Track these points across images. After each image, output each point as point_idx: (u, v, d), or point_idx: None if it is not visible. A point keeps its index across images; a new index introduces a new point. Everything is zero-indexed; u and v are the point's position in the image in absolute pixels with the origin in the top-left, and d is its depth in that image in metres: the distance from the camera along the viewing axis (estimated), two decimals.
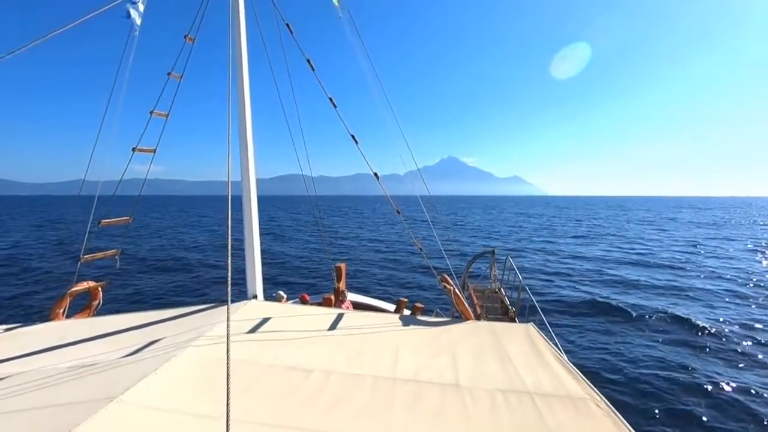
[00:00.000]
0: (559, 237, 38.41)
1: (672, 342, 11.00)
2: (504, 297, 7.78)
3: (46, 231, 42.70)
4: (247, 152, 5.87)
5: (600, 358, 9.86)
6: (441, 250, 7.24)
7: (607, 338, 11.29)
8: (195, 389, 3.03)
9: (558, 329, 11.39)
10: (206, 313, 5.14)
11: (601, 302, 14.79)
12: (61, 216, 63.56)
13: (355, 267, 21.80)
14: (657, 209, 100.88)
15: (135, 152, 5.89)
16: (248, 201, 5.95)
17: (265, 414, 2.74)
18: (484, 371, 3.49)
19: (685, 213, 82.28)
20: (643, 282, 18.29)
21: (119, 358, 3.73)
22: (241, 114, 5.85)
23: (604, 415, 2.77)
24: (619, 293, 16.40)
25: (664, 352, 10.20)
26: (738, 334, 11.38)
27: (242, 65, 5.83)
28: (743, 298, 15.43)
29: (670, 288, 17.13)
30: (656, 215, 73.81)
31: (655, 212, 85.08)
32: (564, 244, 32.62)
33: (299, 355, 3.76)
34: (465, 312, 5.27)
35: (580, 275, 20.17)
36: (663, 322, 12.67)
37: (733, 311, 13.67)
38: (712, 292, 16.26)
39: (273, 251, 28.29)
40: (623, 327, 12.28)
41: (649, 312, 13.53)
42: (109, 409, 2.56)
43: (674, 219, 63.04)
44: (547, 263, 23.74)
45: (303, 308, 5.74)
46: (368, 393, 3.08)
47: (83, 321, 5.48)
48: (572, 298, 15.80)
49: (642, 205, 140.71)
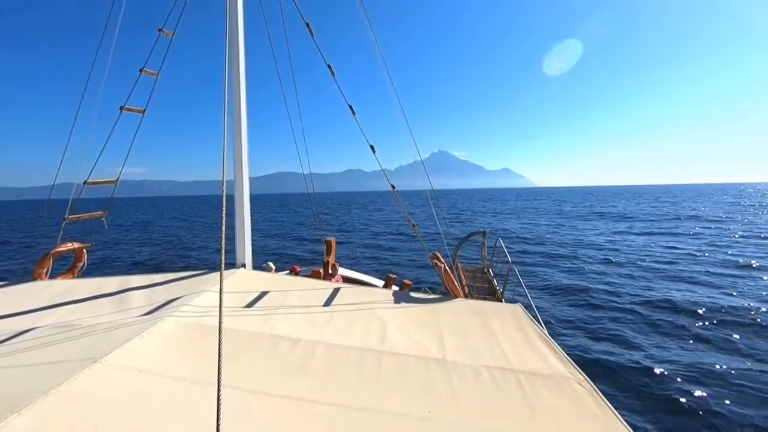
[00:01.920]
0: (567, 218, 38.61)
1: (657, 326, 11.37)
2: (492, 277, 7.85)
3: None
4: (240, 138, 5.69)
5: (584, 339, 10.16)
6: (440, 234, 7.26)
7: (592, 320, 11.59)
8: (181, 354, 3.00)
9: (543, 311, 11.67)
10: (194, 280, 5.08)
11: (587, 285, 15.12)
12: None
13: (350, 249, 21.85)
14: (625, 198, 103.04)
15: (123, 111, 5.66)
16: (239, 173, 5.81)
17: (252, 381, 2.73)
18: (470, 348, 3.52)
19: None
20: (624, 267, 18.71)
21: (103, 321, 3.68)
22: (236, 106, 5.63)
23: (587, 394, 2.82)
24: (604, 276, 16.77)
25: (648, 335, 10.54)
26: (716, 316, 11.75)
27: (239, 57, 5.56)
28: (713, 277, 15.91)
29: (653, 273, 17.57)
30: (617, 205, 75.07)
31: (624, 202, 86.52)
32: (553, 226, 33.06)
33: (287, 324, 3.74)
34: (454, 290, 5.30)
35: (573, 259, 20.53)
36: (651, 305, 13.09)
37: (704, 293, 14.10)
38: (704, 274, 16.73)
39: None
40: (610, 310, 12.63)
41: (636, 296, 13.94)
42: (92, 369, 2.52)
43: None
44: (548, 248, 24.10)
45: (292, 279, 5.72)
46: (355, 364, 3.08)
47: (67, 282, 5.37)
48: (559, 279, 16.11)
49: (617, 194, 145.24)
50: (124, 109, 5.67)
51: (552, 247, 25.12)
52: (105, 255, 23.17)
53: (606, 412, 2.62)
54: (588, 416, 2.60)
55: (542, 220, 44.20)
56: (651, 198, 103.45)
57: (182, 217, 59.15)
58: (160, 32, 5.70)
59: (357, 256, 21.49)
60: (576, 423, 2.54)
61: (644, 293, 14.55)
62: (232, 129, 5.70)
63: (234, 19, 5.49)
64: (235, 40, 5.53)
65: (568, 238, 29.46)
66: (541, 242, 27.50)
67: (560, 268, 18.99)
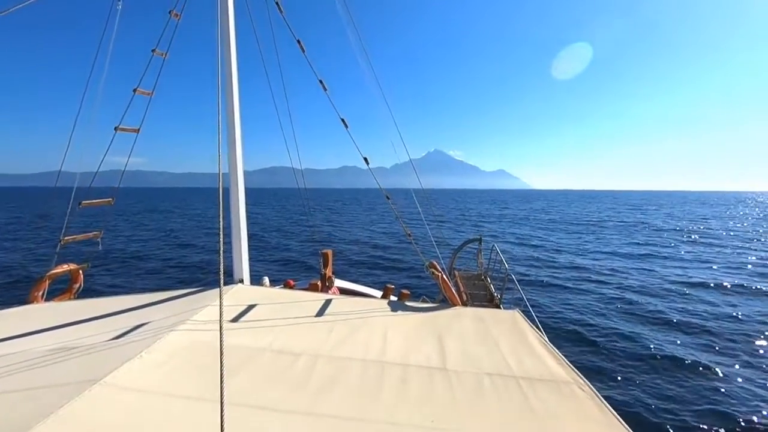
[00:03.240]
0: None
1: (656, 327, 11.51)
2: (490, 284, 7.87)
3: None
4: (234, 138, 5.73)
5: (587, 344, 10.23)
6: (430, 237, 7.29)
7: (593, 324, 11.63)
8: (181, 372, 2.99)
9: (543, 315, 11.69)
10: (191, 298, 5.07)
11: (588, 290, 15.18)
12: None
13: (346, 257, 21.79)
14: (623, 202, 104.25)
15: (117, 131, 5.69)
16: (235, 188, 5.85)
17: (254, 397, 2.72)
18: (470, 355, 3.53)
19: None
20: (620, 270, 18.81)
21: (102, 341, 3.65)
22: (229, 101, 5.69)
23: (588, 397, 2.84)
24: (599, 277, 16.83)
25: (650, 338, 10.61)
26: (715, 319, 11.85)
27: (230, 54, 5.66)
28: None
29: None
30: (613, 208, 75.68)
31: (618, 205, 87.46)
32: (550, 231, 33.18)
33: (287, 339, 3.74)
34: (452, 298, 5.31)
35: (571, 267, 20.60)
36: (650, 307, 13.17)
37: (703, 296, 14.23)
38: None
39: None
40: (609, 313, 12.70)
41: (632, 300, 14.03)
42: (93, 391, 2.51)
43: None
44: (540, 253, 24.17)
45: (290, 293, 5.71)
46: (357, 376, 3.08)
47: (63, 304, 5.34)
48: (557, 284, 16.15)
49: (610, 198, 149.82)
50: (119, 129, 5.71)
51: (548, 253, 25.20)
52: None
53: (607, 415, 2.64)
54: (590, 420, 2.61)
55: (530, 226, 44.25)
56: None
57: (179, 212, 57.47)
58: (153, 53, 5.76)
59: (354, 263, 21.43)
60: (578, 427, 2.55)
61: (640, 293, 14.70)
62: (226, 133, 5.74)
63: (225, 21, 5.59)
64: (226, 24, 5.63)
65: (563, 243, 29.60)
66: (539, 246, 27.58)
67: (557, 273, 19.04)
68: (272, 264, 20.83)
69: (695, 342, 10.46)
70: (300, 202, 69.15)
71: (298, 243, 27.95)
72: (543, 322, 6.03)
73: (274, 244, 27.79)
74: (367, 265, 20.76)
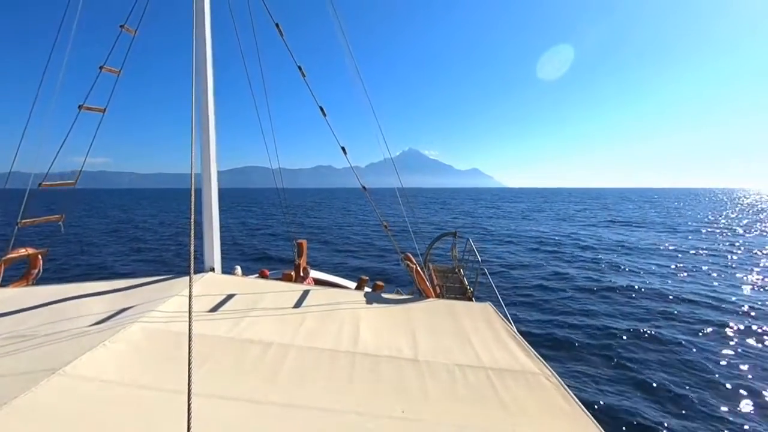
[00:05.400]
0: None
1: (621, 313, 12.21)
2: (463, 277, 8.00)
3: None
4: (208, 129, 5.54)
5: (552, 335, 10.64)
6: (410, 231, 7.37)
7: (559, 317, 12.11)
8: (148, 362, 2.90)
9: (513, 308, 12.07)
10: (160, 285, 4.90)
11: (554, 283, 15.71)
12: None
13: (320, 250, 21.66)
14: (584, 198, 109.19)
15: (82, 110, 5.38)
16: (208, 175, 5.66)
17: (222, 387, 2.67)
18: (442, 347, 3.59)
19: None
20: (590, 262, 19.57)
21: (62, 330, 3.49)
22: (203, 95, 5.48)
23: (554, 388, 2.94)
24: (570, 270, 17.47)
25: (611, 324, 11.23)
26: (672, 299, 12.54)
27: (206, 52, 5.41)
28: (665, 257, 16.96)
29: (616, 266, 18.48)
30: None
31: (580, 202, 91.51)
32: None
33: (258, 328, 3.69)
34: (426, 290, 5.37)
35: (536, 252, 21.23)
36: (613, 293, 13.94)
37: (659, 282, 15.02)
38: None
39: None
40: (575, 304, 13.29)
41: (597, 287, 14.75)
42: (51, 381, 2.40)
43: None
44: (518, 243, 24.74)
45: (262, 282, 5.62)
46: (328, 367, 3.08)
47: (20, 290, 5.05)
48: (526, 277, 16.63)
49: (577, 195, 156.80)
50: (83, 108, 5.39)
51: (520, 246, 25.87)
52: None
53: (573, 405, 2.75)
54: (555, 409, 2.72)
55: (505, 220, 45.47)
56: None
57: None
58: (122, 29, 5.46)
59: (330, 257, 21.38)
60: (544, 417, 2.65)
61: (602, 281, 15.49)
62: (200, 130, 5.55)
63: (201, 13, 5.34)
64: (202, 34, 5.37)
65: (532, 234, 30.50)
66: (510, 241, 28.26)
67: (528, 266, 19.59)
68: (247, 259, 20.51)
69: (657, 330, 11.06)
70: (276, 201, 68.30)
71: (273, 238, 27.61)
72: (513, 314, 6.21)
73: (249, 244, 27.32)
74: (341, 255, 20.74)
